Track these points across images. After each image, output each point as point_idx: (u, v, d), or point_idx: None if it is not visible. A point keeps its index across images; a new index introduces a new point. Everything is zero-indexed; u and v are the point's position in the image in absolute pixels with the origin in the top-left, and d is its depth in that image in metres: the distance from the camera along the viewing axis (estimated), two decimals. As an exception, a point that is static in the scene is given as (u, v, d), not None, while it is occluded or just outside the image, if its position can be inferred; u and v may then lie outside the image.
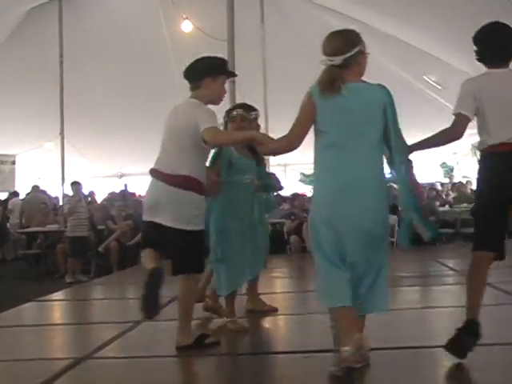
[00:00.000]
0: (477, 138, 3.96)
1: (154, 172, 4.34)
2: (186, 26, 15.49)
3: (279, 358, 4.26)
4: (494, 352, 3.71)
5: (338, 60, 3.61)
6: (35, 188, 17.30)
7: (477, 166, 4.04)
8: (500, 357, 3.57)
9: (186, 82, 4.44)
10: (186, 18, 15.32)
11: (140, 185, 21.96)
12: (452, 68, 15.12)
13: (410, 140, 3.83)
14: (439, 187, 16.83)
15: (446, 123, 3.91)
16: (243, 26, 12.83)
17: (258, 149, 4.12)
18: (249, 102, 5.14)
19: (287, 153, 3.84)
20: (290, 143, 3.72)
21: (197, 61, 4.49)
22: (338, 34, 3.72)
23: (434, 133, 3.99)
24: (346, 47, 3.62)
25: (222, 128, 4.85)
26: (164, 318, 5.77)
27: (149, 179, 4.36)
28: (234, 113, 5.15)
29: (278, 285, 8.16)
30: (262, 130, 14.13)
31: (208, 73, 4.38)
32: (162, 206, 4.22)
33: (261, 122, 4.84)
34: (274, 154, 5.28)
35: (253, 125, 5.13)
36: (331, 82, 3.59)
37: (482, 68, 4.03)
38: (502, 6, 11.01)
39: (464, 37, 14.07)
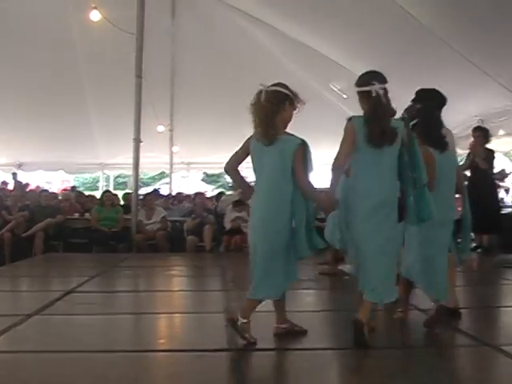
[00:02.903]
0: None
1: None
2: (95, 16, 15.14)
3: (173, 356, 4.21)
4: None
5: None
6: None
7: None
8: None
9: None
10: (95, 8, 14.97)
11: (37, 176, 21.42)
12: (355, 77, 15.45)
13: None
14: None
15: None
16: (153, 20, 12.71)
17: None
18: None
19: None
20: None
21: None
22: None
23: None
24: None
25: None
26: (55, 313, 5.63)
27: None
28: None
29: (174, 283, 8.11)
30: (166, 124, 14.09)
31: None
32: None
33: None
34: None
35: None
36: None
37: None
38: (403, 17, 11.34)
39: (365, 47, 14.44)
